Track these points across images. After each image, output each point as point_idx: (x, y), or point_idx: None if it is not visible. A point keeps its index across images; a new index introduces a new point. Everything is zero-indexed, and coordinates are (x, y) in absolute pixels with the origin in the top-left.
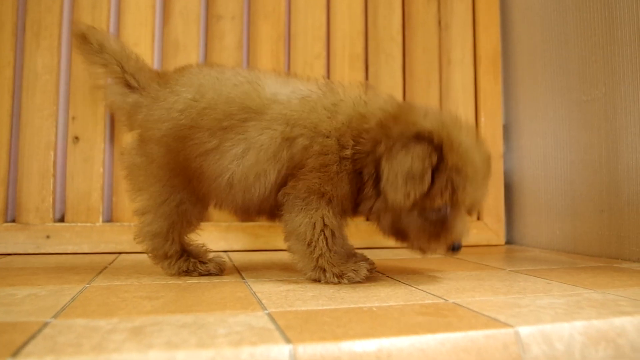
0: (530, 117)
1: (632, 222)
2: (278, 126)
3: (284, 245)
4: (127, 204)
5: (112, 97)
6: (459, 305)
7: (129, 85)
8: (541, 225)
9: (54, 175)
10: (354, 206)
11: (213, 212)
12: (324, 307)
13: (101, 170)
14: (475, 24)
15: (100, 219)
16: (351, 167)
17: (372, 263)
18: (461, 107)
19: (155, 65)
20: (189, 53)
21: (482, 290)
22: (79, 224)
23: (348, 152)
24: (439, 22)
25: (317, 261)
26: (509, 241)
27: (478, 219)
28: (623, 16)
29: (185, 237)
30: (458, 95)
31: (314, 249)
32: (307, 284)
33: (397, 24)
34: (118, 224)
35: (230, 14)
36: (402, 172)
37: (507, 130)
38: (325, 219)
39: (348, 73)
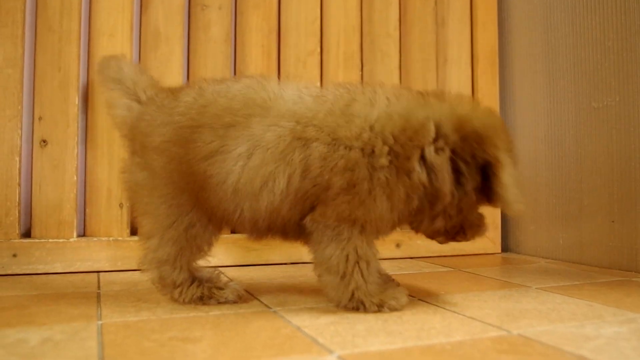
0: (529, 120)
1: None
2: (287, 123)
3: (277, 259)
4: (104, 215)
5: (120, 112)
6: (528, 338)
7: (138, 100)
8: (541, 234)
9: (20, 185)
10: (397, 220)
11: None
12: (393, 346)
13: (74, 178)
14: (472, 21)
15: (74, 234)
16: (391, 177)
17: (404, 288)
18: None
19: (134, 58)
20: (171, 44)
21: (533, 317)
22: (50, 240)
23: (383, 160)
24: (436, 19)
25: (353, 294)
26: (504, 249)
27: None
28: None
29: (194, 263)
30: None
31: (348, 283)
32: (344, 313)
33: (393, 19)
34: (95, 238)
35: (217, 3)
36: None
37: None
38: (359, 249)
39: (343, 71)
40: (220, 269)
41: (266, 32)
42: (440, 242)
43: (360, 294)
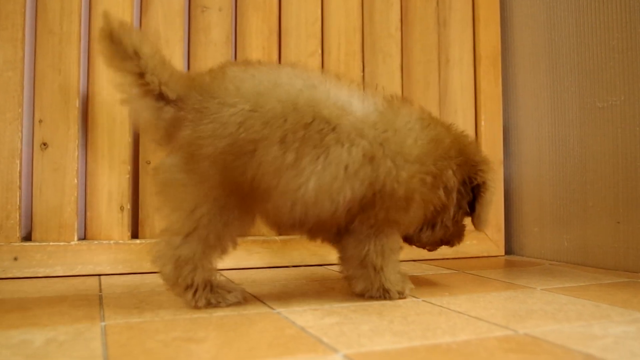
0: (532, 121)
1: None
2: (359, 141)
3: (279, 262)
4: (105, 218)
5: (144, 113)
6: (535, 337)
7: (163, 97)
8: (546, 236)
9: (20, 188)
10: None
11: None
12: (399, 346)
13: (74, 181)
14: (474, 21)
15: (75, 237)
16: (429, 192)
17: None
18: (460, 109)
19: None
20: (171, 47)
21: (539, 317)
22: (51, 243)
23: (429, 178)
24: (438, 20)
25: (384, 285)
26: (508, 252)
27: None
28: None
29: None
30: (457, 97)
31: (380, 274)
32: (349, 314)
33: (395, 20)
34: (95, 242)
35: (217, 5)
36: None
37: (507, 135)
38: (391, 246)
39: (344, 72)
40: (222, 271)
41: (267, 33)
42: (430, 250)
43: (388, 284)
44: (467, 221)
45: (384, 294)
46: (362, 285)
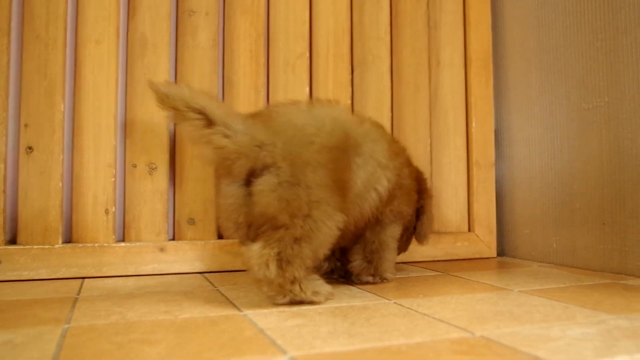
0: (524, 123)
1: (636, 235)
2: (374, 161)
3: None
4: (90, 222)
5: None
6: (489, 339)
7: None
8: (536, 238)
9: (5, 191)
10: None
11: (187, 229)
12: (350, 348)
13: (60, 184)
14: (465, 23)
15: (60, 240)
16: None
17: None
18: (451, 111)
19: (121, 65)
20: (159, 51)
21: (504, 319)
22: (35, 247)
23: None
24: (428, 22)
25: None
26: (500, 253)
27: (469, 230)
28: (629, 23)
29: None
30: (447, 99)
31: (395, 255)
32: (314, 316)
33: (384, 22)
34: (80, 245)
35: (204, 9)
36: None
37: (499, 137)
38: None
39: (332, 75)
40: (206, 274)
41: (254, 36)
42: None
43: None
44: None
45: (393, 275)
46: (385, 265)
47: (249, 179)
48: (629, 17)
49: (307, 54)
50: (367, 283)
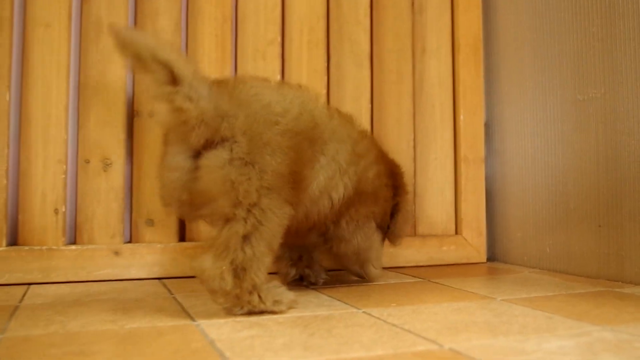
0: (516, 115)
1: (634, 239)
2: (348, 146)
3: None
4: (38, 222)
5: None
6: (457, 352)
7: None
8: (529, 241)
9: None
10: None
11: (146, 230)
12: None
13: (4, 181)
14: (453, 6)
15: (4, 243)
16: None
17: None
18: (437, 102)
19: (73, 51)
20: None
21: (478, 330)
22: None
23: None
24: (412, 5)
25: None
26: (490, 258)
27: (456, 233)
28: (627, 7)
29: None
30: (434, 89)
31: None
32: (273, 326)
33: (364, 4)
34: (27, 247)
35: None
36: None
37: (489, 130)
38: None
39: (307, 63)
40: (165, 281)
41: (220, 20)
42: None
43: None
44: None
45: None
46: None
47: (201, 150)
48: (627, 1)
49: (279, 40)
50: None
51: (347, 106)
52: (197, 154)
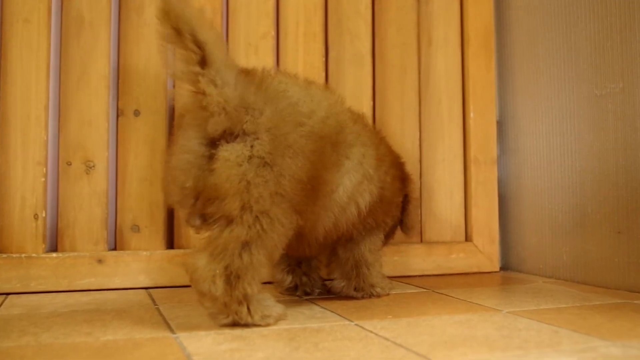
0: (530, 113)
1: None
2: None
3: None
4: (17, 228)
5: None
6: None
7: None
8: (545, 249)
9: None
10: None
11: (131, 237)
12: None
13: None
14: None
15: None
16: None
17: None
18: (445, 99)
19: (53, 47)
20: (96, 30)
21: (475, 345)
22: None
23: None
24: None
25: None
26: (504, 267)
27: (466, 239)
28: None
29: None
30: (441, 84)
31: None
32: (256, 339)
33: None
34: (4, 255)
35: None
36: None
37: (502, 129)
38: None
39: (303, 58)
40: (151, 290)
41: (210, 12)
42: None
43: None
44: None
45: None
46: (377, 279)
47: (218, 140)
48: None
49: (273, 33)
50: (354, 298)
51: (346, 104)
52: (211, 143)
